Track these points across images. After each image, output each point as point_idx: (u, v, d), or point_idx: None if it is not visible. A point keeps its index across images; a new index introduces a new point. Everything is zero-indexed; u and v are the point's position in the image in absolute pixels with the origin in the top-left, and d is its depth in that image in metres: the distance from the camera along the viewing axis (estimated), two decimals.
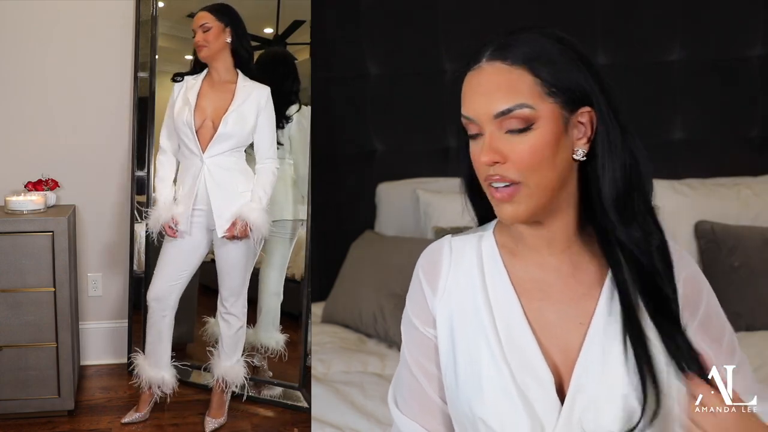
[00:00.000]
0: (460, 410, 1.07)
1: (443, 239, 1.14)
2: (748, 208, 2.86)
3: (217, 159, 2.41)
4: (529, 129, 0.96)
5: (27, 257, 2.53)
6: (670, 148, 3.05)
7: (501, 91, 0.97)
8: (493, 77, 0.98)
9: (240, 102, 2.41)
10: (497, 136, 0.97)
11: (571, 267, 1.06)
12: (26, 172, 2.91)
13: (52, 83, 3.01)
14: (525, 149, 0.96)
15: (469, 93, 1.00)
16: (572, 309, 1.04)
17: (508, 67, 0.97)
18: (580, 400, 1.00)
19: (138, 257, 3.10)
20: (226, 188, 2.41)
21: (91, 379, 3.02)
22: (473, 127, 1.00)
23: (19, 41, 2.97)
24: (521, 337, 1.04)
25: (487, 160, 0.97)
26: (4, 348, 2.55)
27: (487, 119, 0.97)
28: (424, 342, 1.12)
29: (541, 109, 0.97)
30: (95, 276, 3.14)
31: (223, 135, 2.39)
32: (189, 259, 2.49)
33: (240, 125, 2.40)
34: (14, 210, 2.65)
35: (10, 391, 2.56)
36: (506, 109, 0.96)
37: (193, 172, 2.43)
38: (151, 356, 2.57)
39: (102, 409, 2.72)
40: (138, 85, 3.02)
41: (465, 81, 1.01)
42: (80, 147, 3.05)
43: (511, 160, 0.97)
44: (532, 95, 0.96)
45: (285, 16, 2.92)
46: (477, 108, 0.98)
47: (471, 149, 1.02)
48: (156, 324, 2.53)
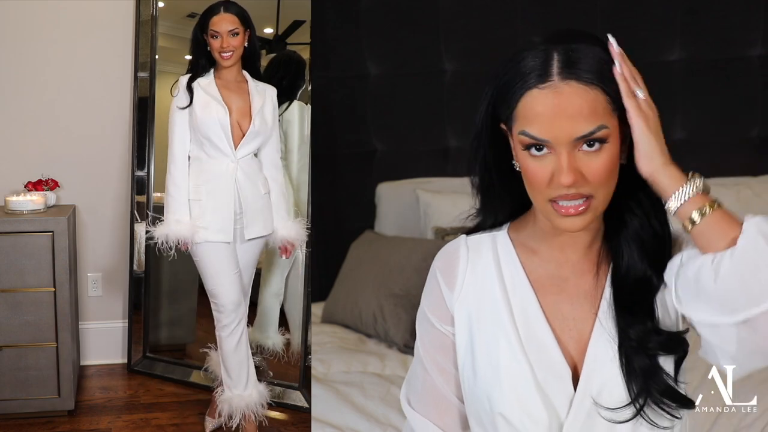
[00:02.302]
0: (479, 406, 1.08)
1: (459, 239, 1.15)
2: (748, 208, 2.86)
3: (245, 160, 2.38)
4: (602, 146, 0.96)
5: (27, 257, 2.53)
6: (670, 148, 3.04)
7: (584, 114, 0.95)
8: (573, 99, 0.95)
9: (260, 102, 2.39)
10: (574, 155, 0.96)
11: (589, 263, 1.08)
12: (26, 172, 2.91)
13: (53, 83, 3.01)
14: (600, 166, 0.96)
15: (545, 115, 0.96)
16: (586, 301, 1.07)
17: (585, 87, 0.95)
18: (592, 385, 1.02)
19: (138, 257, 3.10)
20: (254, 191, 2.39)
21: (91, 379, 3.02)
22: (541, 148, 0.98)
23: (19, 41, 2.97)
24: (539, 331, 1.06)
25: (569, 181, 0.96)
26: (4, 348, 2.55)
27: (567, 141, 0.96)
28: (441, 340, 1.13)
29: (612, 125, 0.97)
30: (95, 276, 3.14)
31: (252, 134, 2.36)
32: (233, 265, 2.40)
33: (264, 125, 2.39)
34: (14, 210, 2.66)
35: (10, 391, 2.56)
36: (589, 132, 0.95)
37: (225, 174, 2.34)
38: (239, 379, 2.39)
39: (102, 409, 2.72)
40: (138, 85, 3.02)
41: (530, 98, 0.97)
42: (80, 147, 3.05)
43: (587, 177, 0.97)
44: (606, 114, 0.96)
45: (285, 16, 2.92)
46: (557, 132, 0.95)
47: (532, 166, 0.99)
48: (235, 338, 2.37)
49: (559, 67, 0.96)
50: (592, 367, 1.03)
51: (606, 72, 0.97)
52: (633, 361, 1.01)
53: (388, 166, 3.11)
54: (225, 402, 2.38)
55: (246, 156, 2.38)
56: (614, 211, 1.05)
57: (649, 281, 1.03)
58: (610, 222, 1.07)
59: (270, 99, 2.44)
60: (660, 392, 1.00)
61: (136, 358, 3.11)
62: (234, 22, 2.32)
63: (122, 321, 3.17)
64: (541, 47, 0.98)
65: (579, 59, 0.96)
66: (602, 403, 1.01)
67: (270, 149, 2.46)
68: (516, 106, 0.98)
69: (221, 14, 2.33)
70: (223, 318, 2.35)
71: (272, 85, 2.50)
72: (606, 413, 1.01)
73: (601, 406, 1.01)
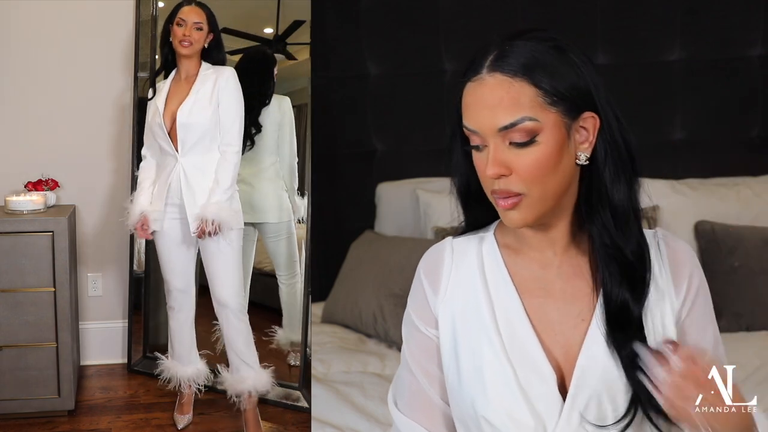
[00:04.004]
0: (464, 410, 1.07)
1: (444, 241, 1.14)
2: (748, 208, 2.86)
3: (192, 158, 2.39)
4: (533, 141, 0.96)
5: (27, 257, 2.53)
6: (670, 148, 3.05)
7: (504, 104, 0.96)
8: (495, 90, 0.96)
9: (197, 88, 2.39)
10: (502, 148, 0.97)
11: (573, 266, 1.06)
12: (26, 172, 2.91)
13: (53, 83, 3.01)
14: (529, 161, 0.96)
15: (472, 105, 0.98)
16: (573, 306, 1.05)
17: (509, 79, 0.96)
18: (581, 397, 1.01)
19: (138, 257, 3.10)
20: (195, 189, 2.38)
21: (91, 379, 3.02)
22: (476, 139, 0.99)
23: (19, 41, 2.97)
24: (523, 334, 1.04)
25: (493, 173, 0.97)
26: (4, 348, 2.55)
27: (491, 132, 0.97)
28: (425, 343, 1.12)
29: (544, 120, 0.96)
30: (95, 276, 3.14)
31: (183, 126, 2.36)
32: (181, 254, 2.50)
33: (198, 113, 2.37)
34: (14, 210, 2.66)
35: (10, 391, 2.56)
36: (510, 123, 0.95)
37: (168, 170, 2.42)
38: (181, 354, 2.61)
39: (102, 409, 2.73)
40: (138, 85, 3.02)
41: (465, 91, 1.00)
42: (80, 147, 3.05)
43: (516, 172, 0.97)
44: (534, 107, 0.96)
45: (285, 16, 2.92)
46: (481, 121, 0.97)
47: (474, 160, 1.01)
48: (178, 319, 2.57)
49: (489, 61, 0.98)
50: (582, 377, 1.01)
51: (539, 66, 0.96)
52: (625, 374, 1.00)
53: (388, 166, 3.11)
54: (166, 369, 2.61)
55: (193, 154, 2.38)
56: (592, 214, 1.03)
57: (626, 305, 1.01)
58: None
59: (211, 80, 2.40)
60: (652, 408, 0.98)
61: (136, 358, 3.12)
62: (200, 16, 2.43)
63: (122, 321, 3.17)
64: (489, 44, 1.00)
65: (508, 54, 0.97)
66: (590, 414, 1.00)
67: (226, 124, 2.39)
68: (460, 101, 1.01)
69: (191, 6, 2.46)
70: (169, 300, 2.57)
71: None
72: (594, 428, 0.99)
73: (590, 422, 0.99)
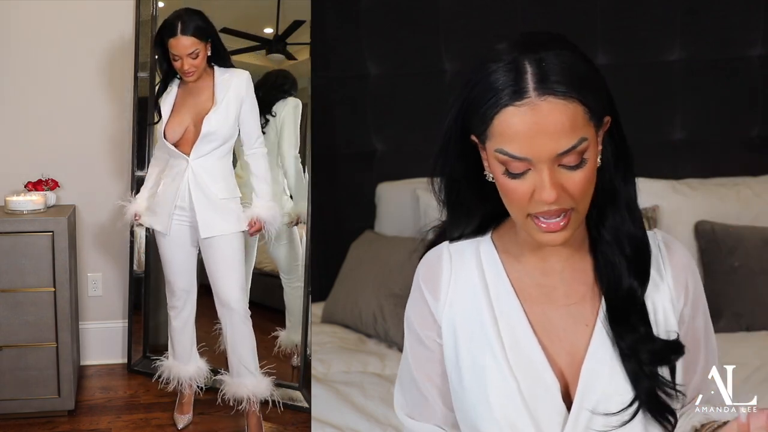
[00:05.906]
0: (467, 419, 1.06)
1: (441, 246, 1.11)
2: (748, 208, 2.86)
3: (202, 161, 2.38)
4: (583, 160, 0.93)
5: (27, 257, 2.53)
6: (670, 148, 3.05)
7: (565, 130, 0.90)
8: (552, 116, 0.90)
9: (221, 97, 2.37)
10: (555, 171, 0.92)
11: (575, 271, 1.05)
12: (26, 172, 2.91)
13: (53, 83, 3.01)
14: (580, 179, 0.93)
15: (525, 133, 0.91)
16: (577, 311, 1.03)
17: (564, 102, 0.90)
18: (587, 403, 0.99)
19: (138, 257, 3.10)
20: (206, 193, 2.38)
21: (91, 379, 3.02)
22: (520, 165, 0.93)
23: (19, 41, 2.97)
24: (526, 344, 1.02)
25: (553, 199, 0.91)
26: (4, 348, 2.55)
27: (548, 159, 0.91)
28: (428, 351, 1.10)
29: (590, 135, 0.93)
30: (95, 276, 3.14)
31: (207, 135, 2.35)
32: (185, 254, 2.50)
33: (224, 121, 2.37)
34: (14, 210, 2.66)
35: (10, 391, 2.56)
36: (571, 147, 0.91)
37: (178, 171, 2.40)
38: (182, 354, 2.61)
39: (102, 409, 2.72)
40: (138, 85, 3.02)
41: (507, 116, 0.92)
42: (80, 147, 3.05)
43: (568, 190, 0.93)
44: (584, 126, 0.92)
45: (285, 16, 2.92)
46: (537, 149, 0.91)
47: (511, 183, 0.94)
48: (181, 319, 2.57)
49: (534, 82, 0.91)
50: (588, 383, 1.00)
51: (582, 82, 0.92)
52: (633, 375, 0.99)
53: (388, 166, 3.11)
54: (166, 368, 2.61)
55: (205, 156, 2.38)
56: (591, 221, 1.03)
57: (634, 292, 1.01)
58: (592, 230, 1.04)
59: (234, 88, 2.38)
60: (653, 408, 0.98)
61: (136, 358, 3.11)
62: (192, 44, 2.29)
63: (122, 321, 3.17)
64: (509, 58, 0.93)
65: (552, 71, 0.91)
66: (594, 423, 0.99)
67: (251, 131, 2.44)
68: (491, 123, 0.93)
69: (178, 37, 2.28)
70: (171, 300, 2.57)
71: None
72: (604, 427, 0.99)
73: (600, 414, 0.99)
